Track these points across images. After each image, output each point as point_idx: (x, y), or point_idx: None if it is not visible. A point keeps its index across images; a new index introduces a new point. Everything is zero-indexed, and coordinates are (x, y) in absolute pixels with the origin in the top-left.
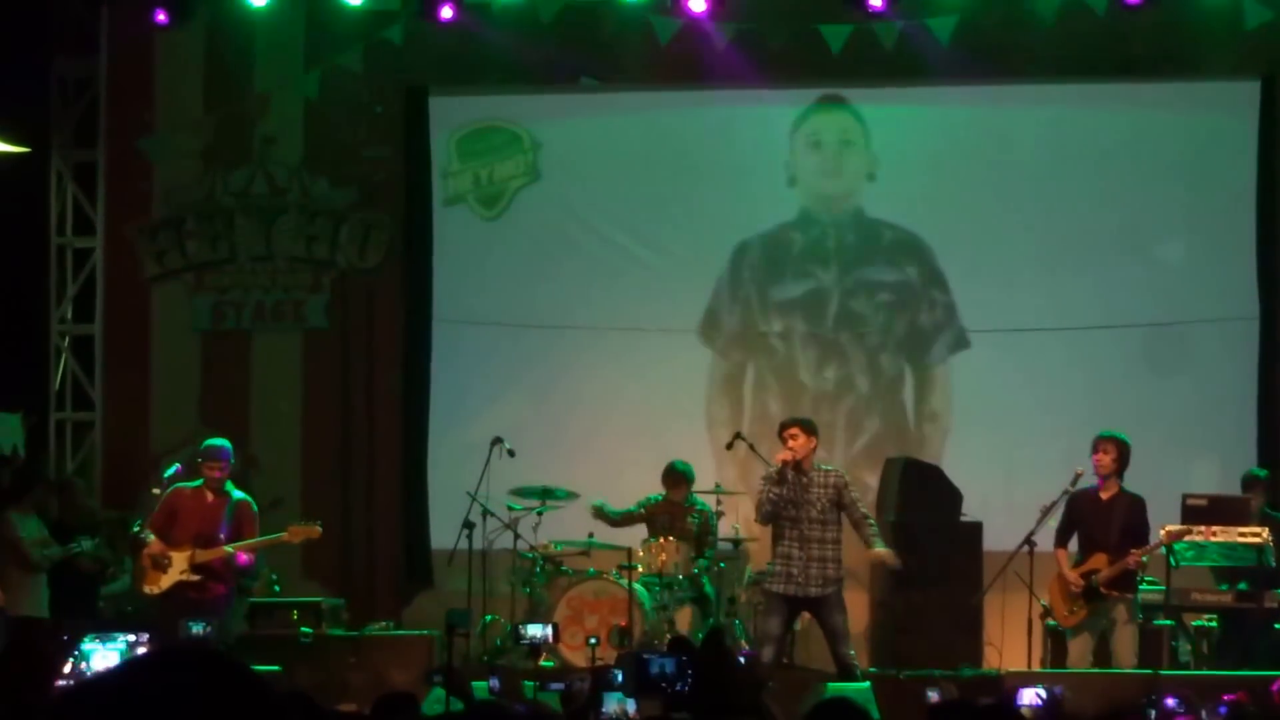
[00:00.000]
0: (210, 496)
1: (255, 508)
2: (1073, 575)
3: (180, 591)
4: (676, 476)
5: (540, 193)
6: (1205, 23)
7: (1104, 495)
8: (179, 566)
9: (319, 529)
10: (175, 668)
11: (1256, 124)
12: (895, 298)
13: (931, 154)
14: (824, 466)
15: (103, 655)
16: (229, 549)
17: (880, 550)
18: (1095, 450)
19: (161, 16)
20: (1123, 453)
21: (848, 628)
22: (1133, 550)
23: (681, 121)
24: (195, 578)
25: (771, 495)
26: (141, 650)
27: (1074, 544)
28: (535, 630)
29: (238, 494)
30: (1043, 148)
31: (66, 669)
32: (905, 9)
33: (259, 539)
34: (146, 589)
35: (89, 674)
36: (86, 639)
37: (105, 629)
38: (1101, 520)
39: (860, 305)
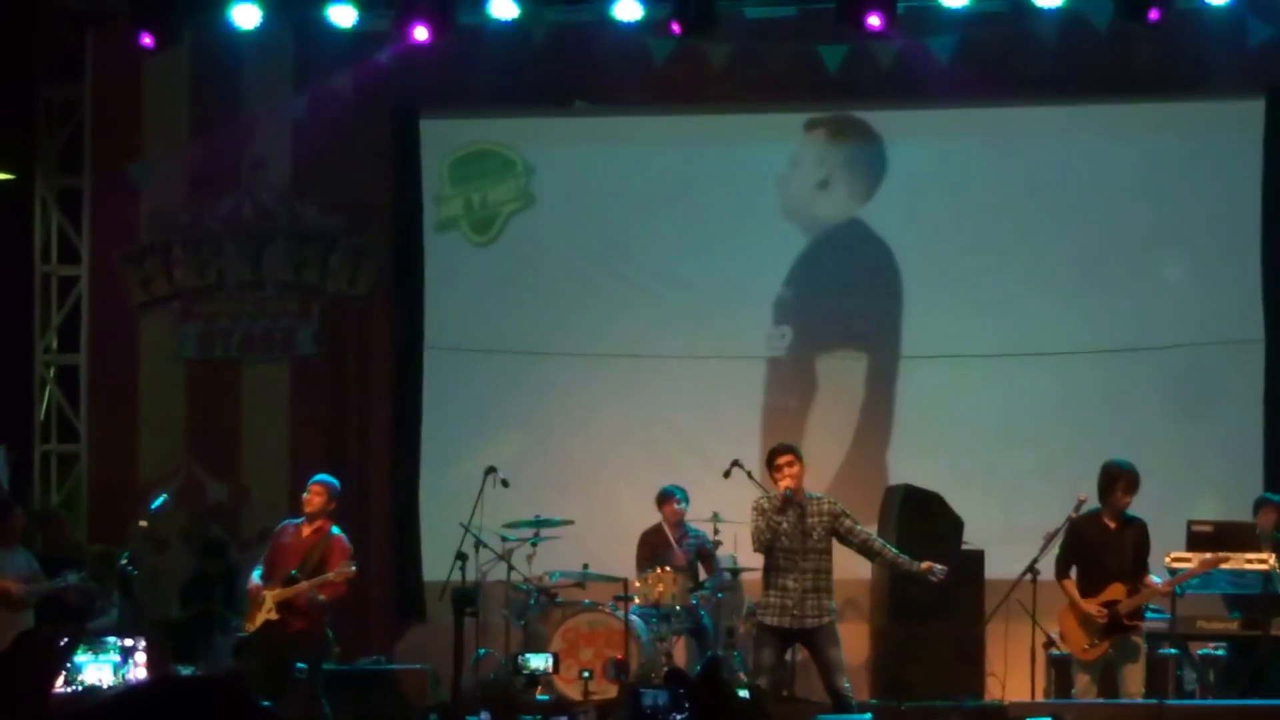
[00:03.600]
0: (307, 531)
1: (348, 543)
2: (1094, 608)
3: (268, 630)
4: (669, 500)
5: (534, 218)
6: (1208, 41)
7: (1112, 523)
8: (268, 605)
9: (354, 568)
10: (179, 698)
11: (1261, 142)
12: (883, 318)
13: (934, 175)
14: (814, 495)
15: (95, 667)
16: (303, 586)
17: (924, 564)
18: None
19: (147, 40)
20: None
21: (843, 660)
22: (1149, 578)
23: (677, 144)
24: (277, 616)
25: (773, 523)
26: (140, 656)
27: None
28: (537, 661)
29: (335, 530)
30: (1045, 168)
31: (60, 680)
32: (905, 28)
33: (312, 581)
34: (247, 626)
35: (84, 688)
36: (80, 650)
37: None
38: (1114, 549)
39: (849, 324)
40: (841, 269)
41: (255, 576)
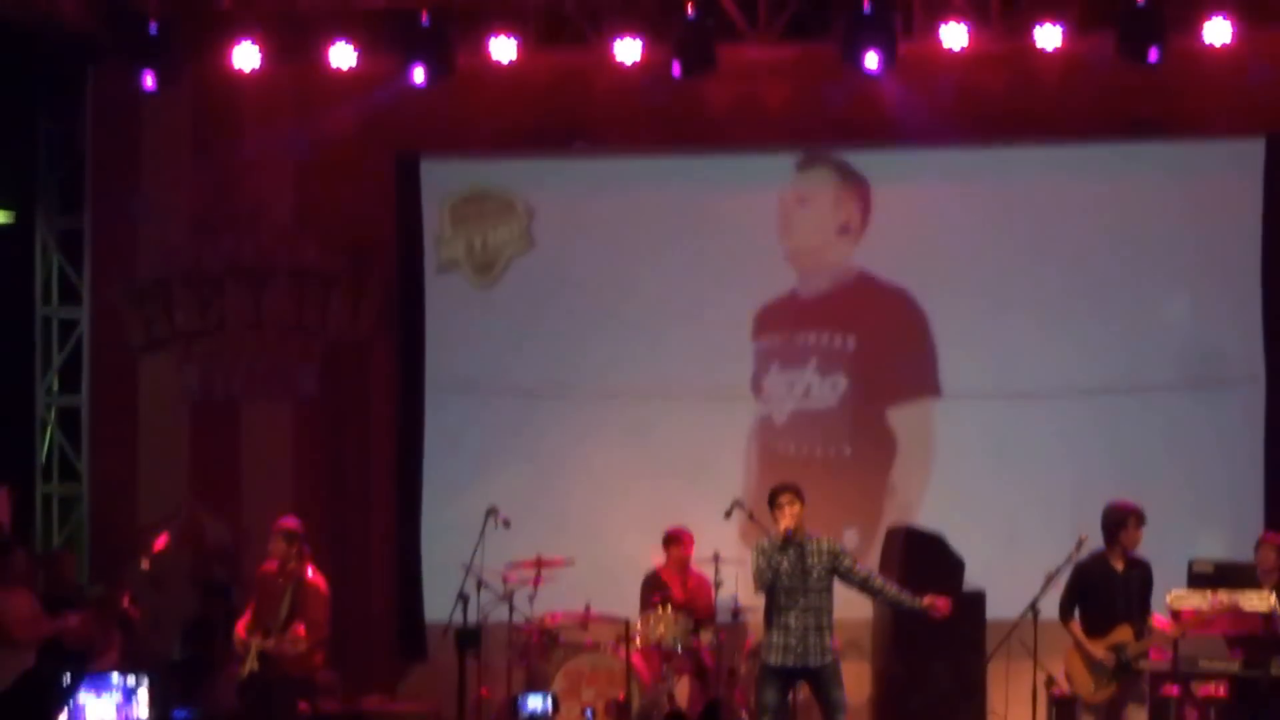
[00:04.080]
0: (280, 579)
1: (324, 589)
2: (1102, 652)
3: (254, 679)
4: (673, 541)
5: (535, 260)
6: (1208, 82)
7: (1118, 564)
8: (253, 654)
9: (303, 647)
10: None
11: (1260, 182)
12: (885, 359)
13: (933, 215)
14: (813, 535)
15: (95, 704)
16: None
17: (926, 600)
18: (1142, 523)
19: (149, 81)
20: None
21: (845, 700)
22: (1154, 619)
23: (677, 185)
24: (257, 666)
25: (774, 563)
26: (142, 695)
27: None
28: (535, 701)
29: (309, 574)
30: (1046, 209)
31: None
32: (905, 69)
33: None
34: (240, 671)
35: None
36: (81, 687)
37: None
38: (1121, 591)
39: (849, 365)
40: (840, 310)
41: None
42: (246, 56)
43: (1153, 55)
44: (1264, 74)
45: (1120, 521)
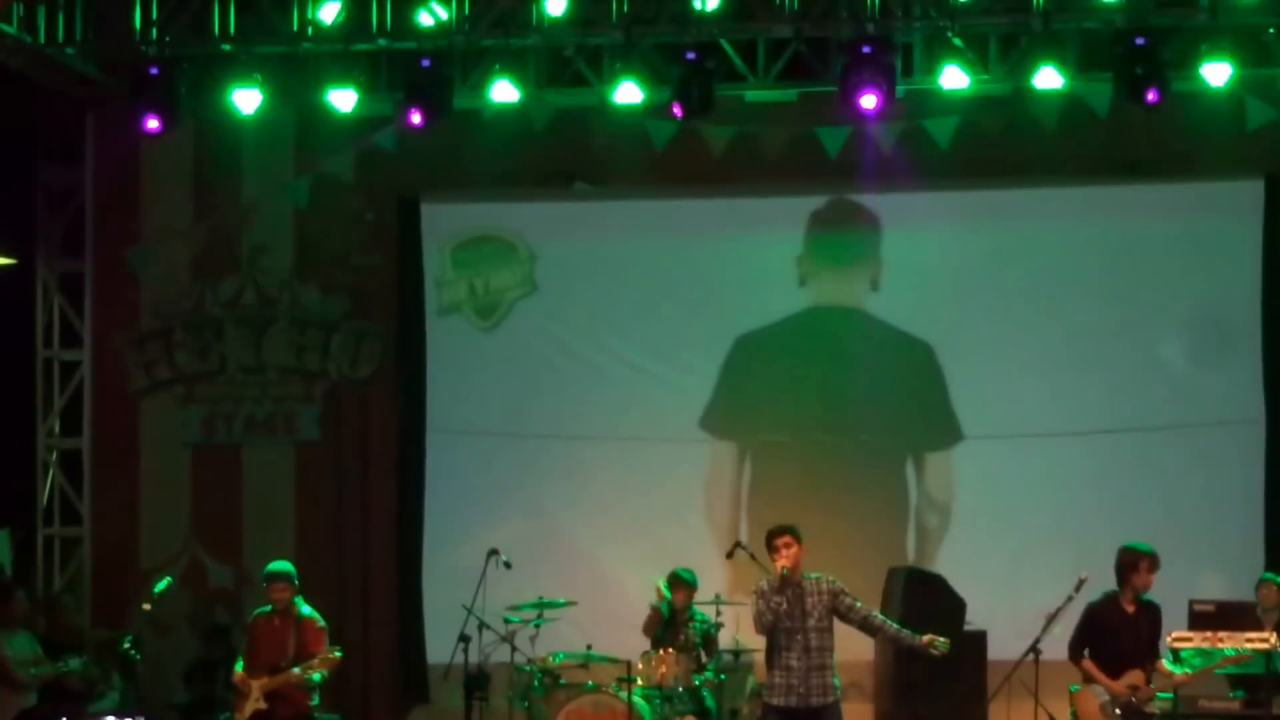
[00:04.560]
0: (278, 621)
1: (321, 622)
2: (1120, 686)
3: (258, 719)
4: (679, 583)
5: (538, 304)
6: (1207, 124)
7: (1130, 606)
8: (255, 695)
9: (339, 654)
10: None
11: (1260, 224)
12: (896, 401)
13: (934, 257)
14: (812, 575)
15: None
16: (294, 671)
17: (926, 638)
18: (1155, 568)
19: (154, 123)
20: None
21: None
22: (1161, 663)
23: (679, 229)
24: (265, 706)
25: (773, 604)
26: None
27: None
28: None
29: (306, 611)
30: (1046, 251)
31: None
32: (905, 111)
33: (304, 666)
34: (236, 717)
35: None
36: None
37: None
38: (1131, 634)
39: (859, 408)
40: (844, 355)
41: (237, 668)
42: (247, 100)
43: (1151, 97)
44: (1262, 115)
45: (1133, 564)
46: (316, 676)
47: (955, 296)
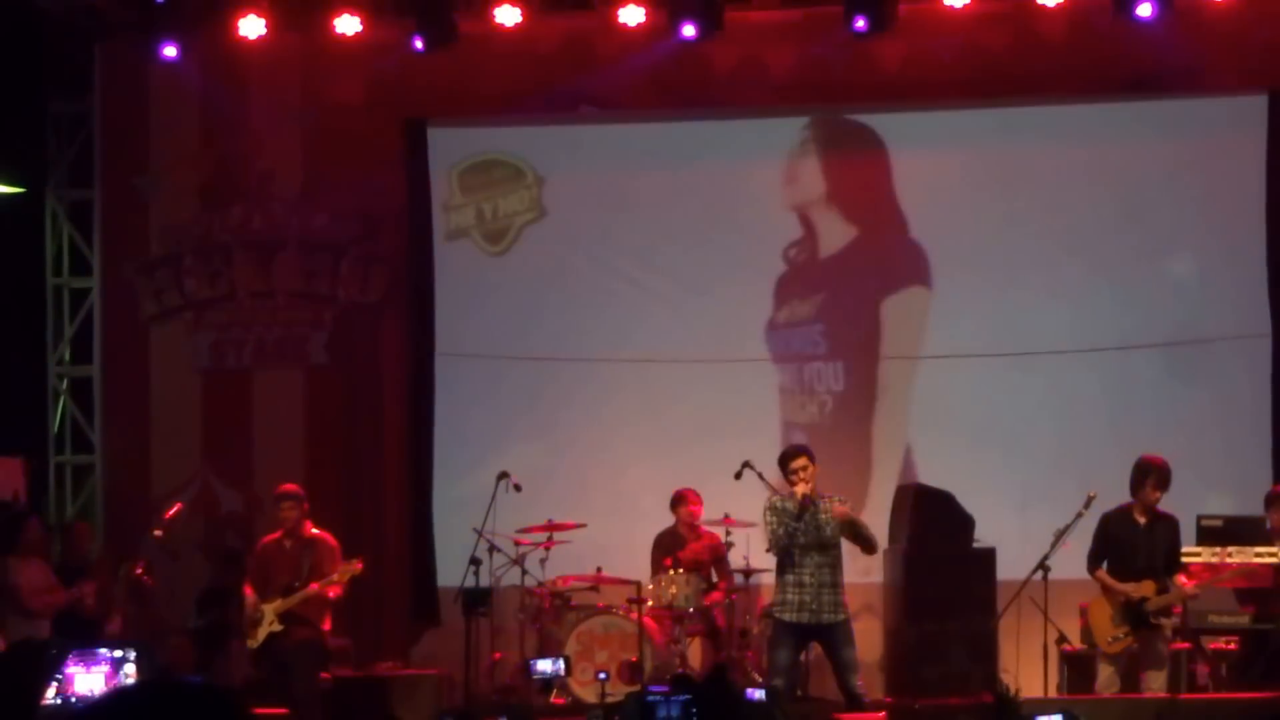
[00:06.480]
0: (288, 543)
1: (333, 541)
2: (1130, 588)
3: (273, 642)
4: (678, 498)
5: (546, 228)
6: (1211, 38)
7: (1141, 518)
8: (269, 619)
9: (359, 564)
10: (167, 703)
11: (1265, 138)
12: (896, 318)
13: (940, 174)
14: (826, 495)
15: (85, 677)
16: (310, 590)
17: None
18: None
19: (170, 50)
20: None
21: (857, 659)
22: (1180, 578)
23: (684, 148)
24: (281, 627)
25: (790, 530)
26: (129, 667)
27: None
28: (546, 665)
29: (316, 531)
30: (1051, 167)
31: (51, 691)
32: (907, 29)
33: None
34: (248, 644)
35: (73, 697)
36: (69, 658)
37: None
38: (1144, 545)
39: (863, 325)
40: (851, 272)
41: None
42: (252, 26)
43: (1143, 11)
44: (1266, 29)
45: (1141, 479)
46: (336, 590)
47: (959, 215)
